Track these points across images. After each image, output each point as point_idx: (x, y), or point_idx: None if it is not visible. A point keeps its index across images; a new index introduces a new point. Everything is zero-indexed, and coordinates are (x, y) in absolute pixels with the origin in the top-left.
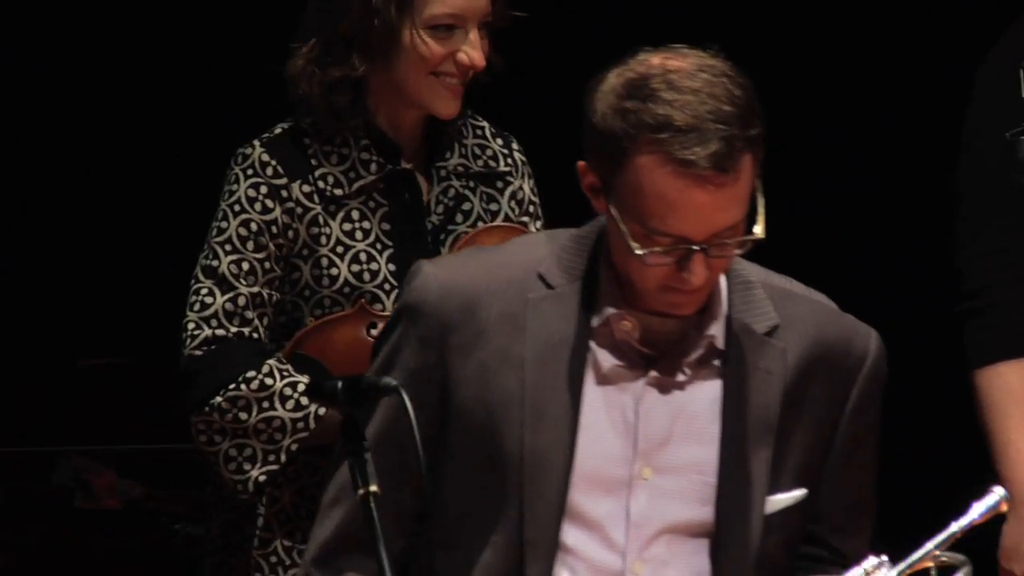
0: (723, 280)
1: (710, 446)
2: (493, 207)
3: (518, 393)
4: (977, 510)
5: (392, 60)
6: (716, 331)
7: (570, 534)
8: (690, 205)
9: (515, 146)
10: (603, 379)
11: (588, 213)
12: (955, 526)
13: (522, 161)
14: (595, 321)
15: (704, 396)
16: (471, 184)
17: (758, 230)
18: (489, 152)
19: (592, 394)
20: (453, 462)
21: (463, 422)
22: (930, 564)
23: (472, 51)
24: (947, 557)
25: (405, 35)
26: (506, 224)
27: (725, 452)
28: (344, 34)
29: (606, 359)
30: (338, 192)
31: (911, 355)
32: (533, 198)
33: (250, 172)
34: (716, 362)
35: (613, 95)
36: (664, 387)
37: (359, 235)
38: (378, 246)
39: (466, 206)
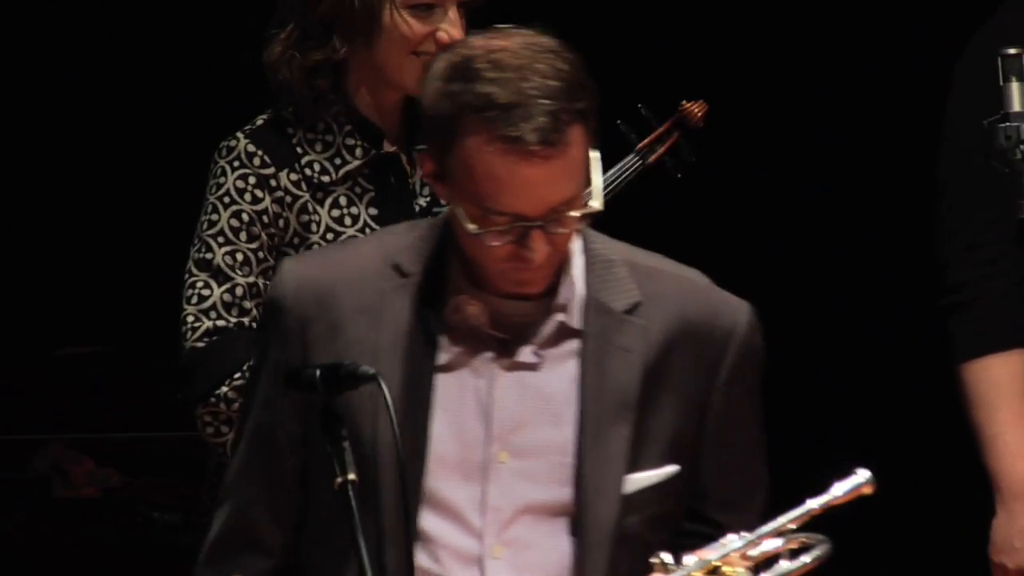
0: (580, 259)
1: (567, 427)
2: None
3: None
4: (839, 489)
5: (372, 41)
6: (569, 311)
7: (428, 520)
8: (520, 181)
9: None
10: (456, 364)
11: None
12: (812, 503)
13: None
14: (445, 307)
15: (560, 377)
16: None
17: (596, 204)
18: None
19: (446, 380)
20: (315, 457)
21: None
22: (780, 543)
23: (451, 29)
24: (805, 536)
25: (385, 15)
26: None
27: (582, 432)
28: (323, 16)
29: (458, 345)
30: (325, 179)
31: (896, 350)
32: None
33: (237, 164)
34: (573, 342)
35: (439, 79)
36: (518, 370)
37: (348, 221)
38: (367, 231)
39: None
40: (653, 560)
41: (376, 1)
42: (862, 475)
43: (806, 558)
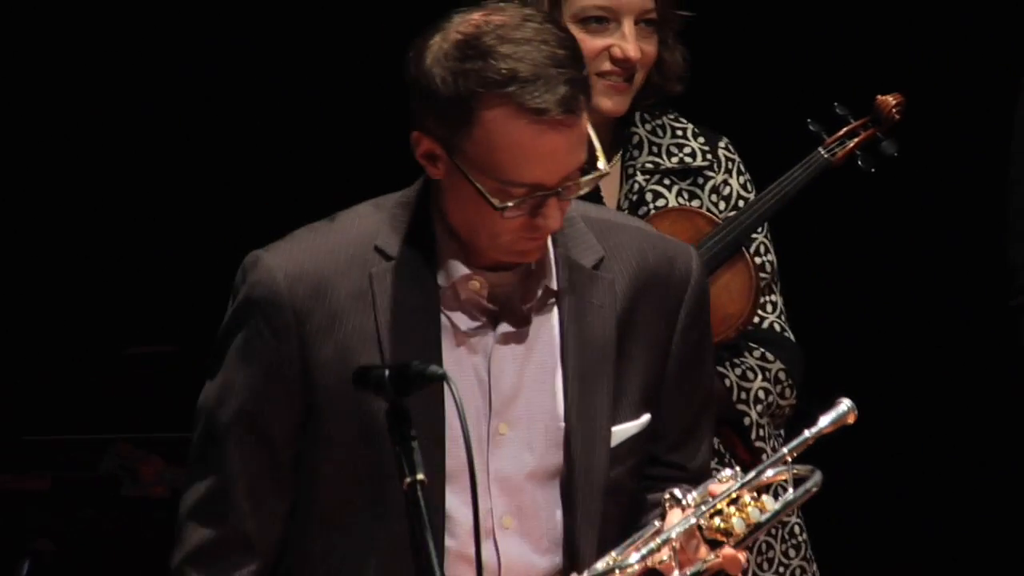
0: None
1: (557, 390)
2: (695, 203)
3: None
4: (826, 419)
5: None
6: (548, 272)
7: (448, 501)
8: (545, 152)
9: (721, 144)
10: (457, 341)
11: None
12: (807, 433)
13: (728, 158)
14: (441, 285)
15: (547, 340)
16: (665, 181)
17: (602, 165)
18: (687, 150)
19: (448, 358)
20: (328, 446)
21: (331, 406)
22: (784, 477)
23: (624, 44)
24: (798, 468)
25: None
26: (677, 208)
27: (568, 392)
28: None
29: (457, 321)
30: None
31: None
32: (743, 193)
33: None
34: (554, 304)
35: (448, 59)
36: (511, 340)
37: None
38: None
39: (659, 202)
40: (666, 497)
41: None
42: (845, 404)
43: (808, 485)
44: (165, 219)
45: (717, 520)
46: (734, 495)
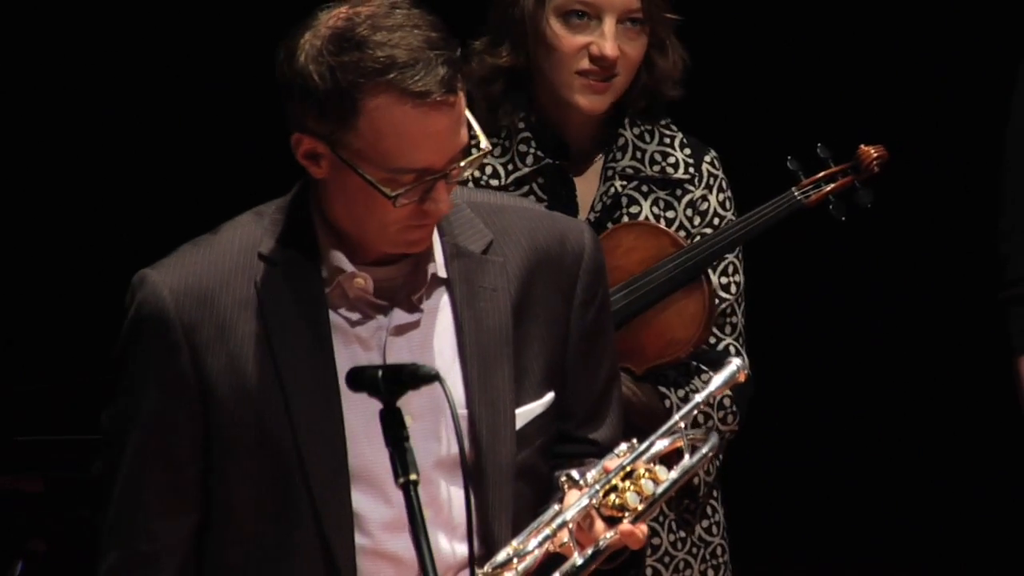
0: None
1: (456, 376)
2: (669, 214)
3: (273, 375)
4: (716, 381)
5: (536, 51)
6: (435, 261)
7: (356, 499)
8: (431, 133)
9: (707, 159)
10: (349, 339)
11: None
12: (698, 397)
13: (711, 174)
14: (326, 285)
15: (441, 329)
16: (643, 188)
17: (485, 144)
18: (671, 160)
19: (342, 357)
20: (232, 457)
21: (227, 415)
22: (681, 444)
23: (603, 42)
24: (693, 434)
25: (542, 24)
26: (645, 223)
27: (467, 379)
28: (496, 24)
29: (347, 319)
30: (494, 183)
31: (954, 341)
32: (721, 211)
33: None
34: (443, 290)
35: (323, 54)
36: (405, 332)
37: None
38: None
39: (633, 208)
40: (562, 479)
41: (533, 10)
42: (735, 363)
43: (704, 450)
44: (159, 218)
45: (612, 496)
46: (628, 469)
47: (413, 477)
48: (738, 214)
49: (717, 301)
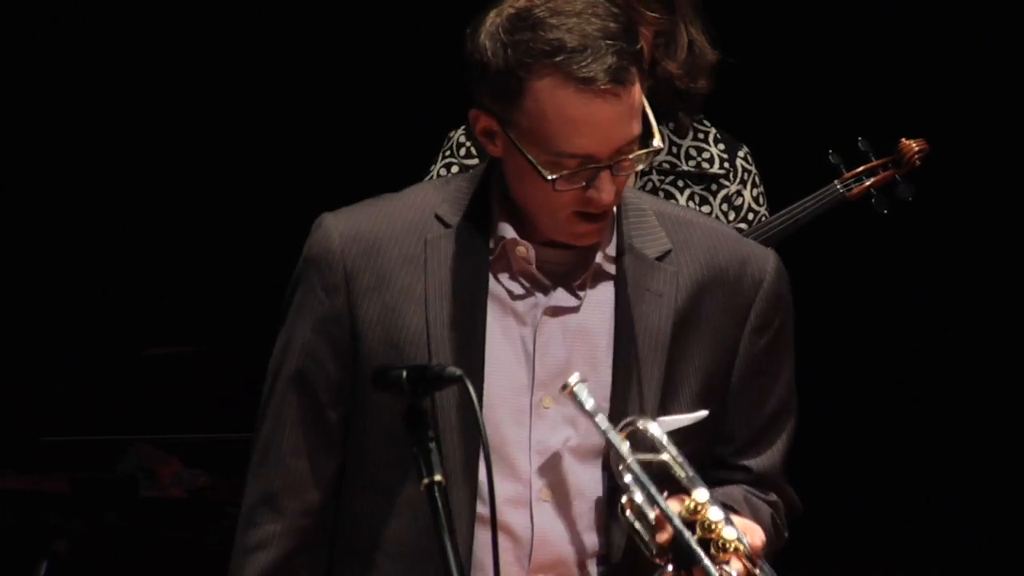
0: (613, 208)
1: (604, 370)
2: (705, 208)
3: (422, 331)
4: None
5: None
6: (608, 256)
7: (481, 468)
8: (594, 121)
9: (741, 154)
10: (503, 310)
11: None
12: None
13: (745, 169)
14: (491, 251)
15: (598, 321)
16: (679, 183)
17: (656, 142)
18: (706, 155)
19: (493, 326)
20: (368, 407)
21: (374, 365)
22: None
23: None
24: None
25: None
26: None
27: (617, 374)
28: None
29: (505, 289)
30: None
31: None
32: (755, 207)
33: (447, 152)
34: (609, 286)
35: (500, 32)
36: (560, 315)
37: None
38: None
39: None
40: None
41: None
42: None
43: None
44: (184, 221)
45: (712, 549)
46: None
47: (438, 478)
48: (771, 210)
49: None
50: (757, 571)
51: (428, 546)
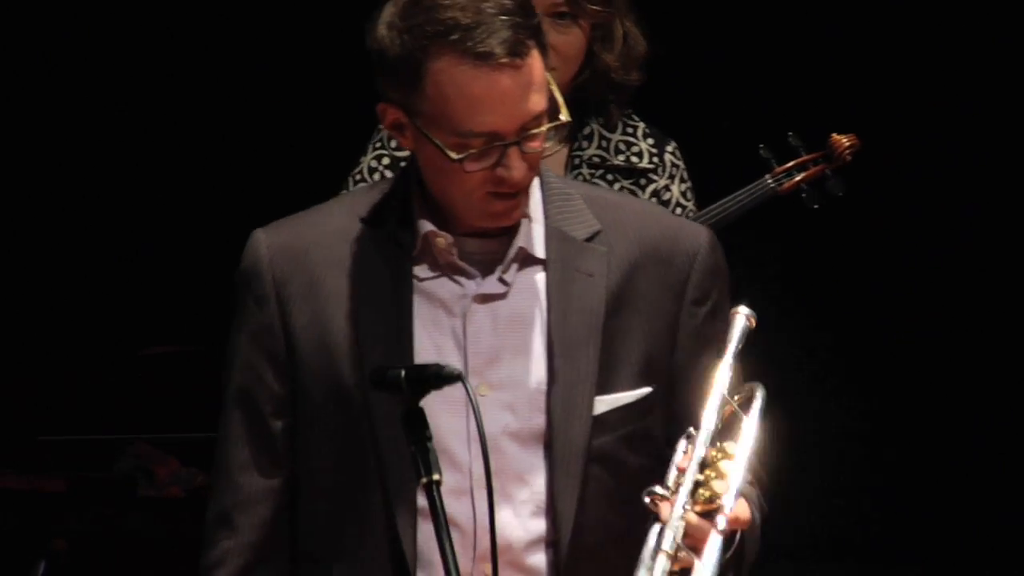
0: (538, 193)
1: (538, 354)
2: None
3: (352, 332)
4: (733, 338)
5: None
6: (532, 240)
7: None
8: (494, 96)
9: (669, 149)
10: (430, 303)
11: None
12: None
13: (673, 164)
14: (414, 246)
15: (530, 306)
16: (608, 177)
17: (564, 116)
18: (635, 149)
19: (423, 319)
20: (312, 415)
21: (311, 371)
22: (733, 408)
23: None
24: (739, 394)
25: None
26: None
27: (551, 357)
28: None
29: (434, 283)
30: None
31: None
32: (683, 201)
33: (378, 144)
34: (538, 270)
35: (396, 20)
36: (489, 302)
37: None
38: None
39: (598, 187)
40: (647, 501)
41: None
42: (741, 311)
43: (757, 402)
44: (183, 220)
45: (700, 491)
46: (700, 460)
47: (436, 477)
48: (703, 203)
49: None
50: (713, 528)
51: (375, 548)
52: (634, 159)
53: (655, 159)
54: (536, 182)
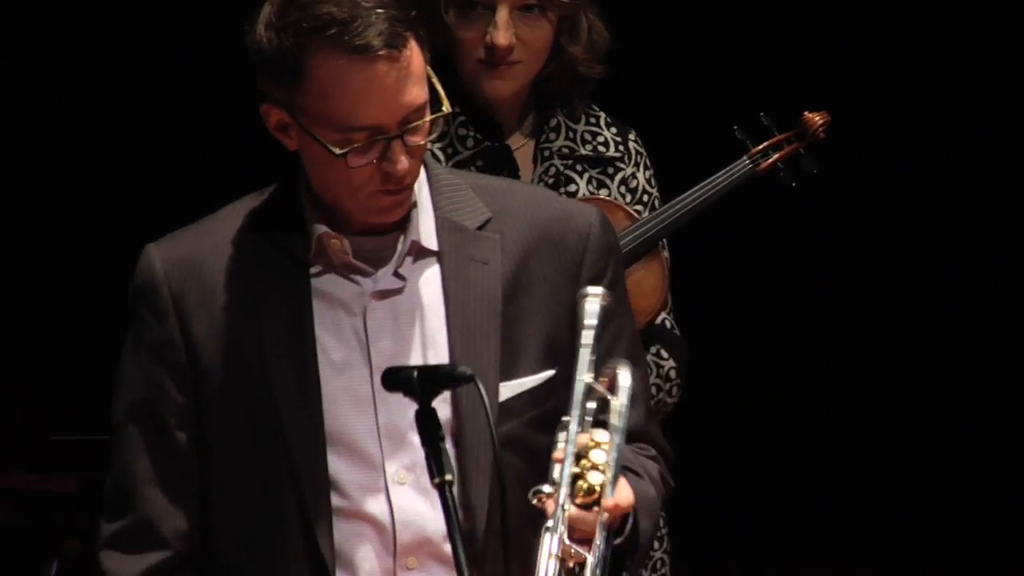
0: (425, 187)
1: (440, 346)
2: (603, 192)
3: (254, 339)
4: (591, 319)
5: (446, 39)
6: (423, 233)
7: (332, 461)
8: (373, 89)
9: (631, 137)
10: (329, 304)
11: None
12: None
13: (637, 151)
14: (308, 249)
15: (427, 298)
16: (577, 167)
17: (446, 107)
18: (600, 139)
19: (323, 321)
20: (217, 424)
21: (214, 381)
22: (600, 390)
23: (495, 32)
24: (604, 375)
25: (442, 16)
26: (598, 198)
27: (453, 348)
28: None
29: (331, 284)
30: None
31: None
32: (648, 188)
33: None
34: (431, 262)
35: (273, 19)
36: (387, 298)
37: None
38: None
39: (571, 187)
40: (534, 501)
41: (431, 2)
42: (591, 292)
43: (623, 383)
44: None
45: (580, 483)
46: (575, 450)
47: (448, 477)
48: (681, 189)
49: None
50: (593, 518)
51: (294, 551)
52: (601, 148)
53: (620, 147)
54: (423, 174)
